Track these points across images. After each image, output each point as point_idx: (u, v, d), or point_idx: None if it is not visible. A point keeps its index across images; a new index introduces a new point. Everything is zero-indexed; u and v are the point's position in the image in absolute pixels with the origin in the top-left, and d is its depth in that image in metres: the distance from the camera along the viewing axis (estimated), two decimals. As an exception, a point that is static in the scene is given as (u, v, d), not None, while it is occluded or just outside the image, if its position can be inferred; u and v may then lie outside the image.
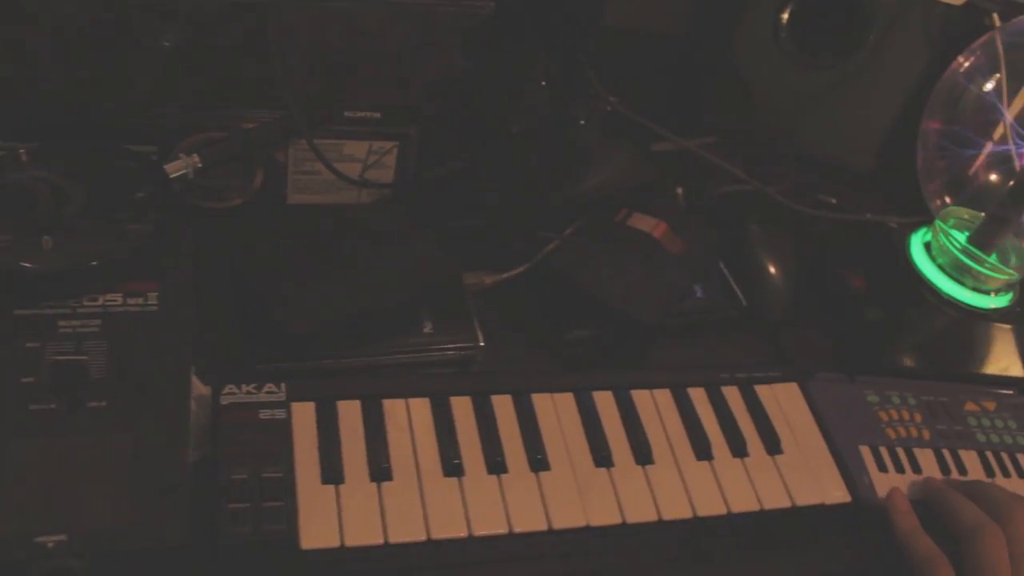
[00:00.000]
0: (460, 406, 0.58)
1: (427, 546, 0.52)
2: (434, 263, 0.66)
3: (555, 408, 0.60)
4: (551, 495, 0.55)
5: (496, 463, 0.56)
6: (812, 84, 0.85)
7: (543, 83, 0.71)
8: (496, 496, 0.54)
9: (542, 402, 0.60)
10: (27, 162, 0.58)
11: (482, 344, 0.63)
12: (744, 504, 0.58)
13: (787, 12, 0.82)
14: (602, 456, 0.58)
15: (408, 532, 0.52)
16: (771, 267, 0.73)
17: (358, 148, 0.68)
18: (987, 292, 0.72)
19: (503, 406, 0.59)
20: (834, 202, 0.86)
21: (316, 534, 0.50)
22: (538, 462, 0.56)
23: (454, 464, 0.55)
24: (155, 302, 0.55)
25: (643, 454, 0.59)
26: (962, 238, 0.72)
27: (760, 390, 0.65)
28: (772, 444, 0.62)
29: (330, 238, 0.65)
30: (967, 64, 0.68)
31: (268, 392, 0.56)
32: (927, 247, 0.73)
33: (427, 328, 0.63)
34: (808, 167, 0.89)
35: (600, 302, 0.66)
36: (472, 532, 0.53)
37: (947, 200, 0.72)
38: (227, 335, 0.59)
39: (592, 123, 0.71)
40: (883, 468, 0.64)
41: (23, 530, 0.43)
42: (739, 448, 0.61)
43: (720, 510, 0.57)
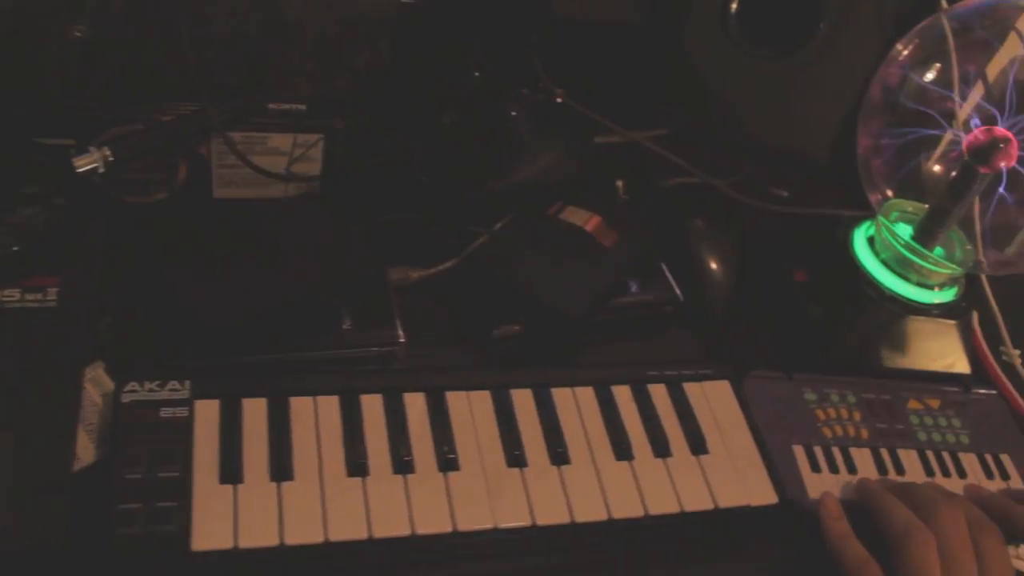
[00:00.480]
0: (370, 404, 0.57)
1: (324, 548, 0.50)
2: (356, 258, 0.64)
3: (470, 406, 0.58)
4: (458, 496, 0.54)
5: (403, 463, 0.54)
6: (764, 75, 0.83)
7: (476, 74, 0.69)
8: (401, 497, 0.53)
9: (457, 400, 0.58)
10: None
11: (402, 341, 0.62)
12: (663, 506, 0.56)
13: (736, 1, 0.80)
14: (515, 456, 0.56)
15: (305, 533, 0.50)
16: (712, 262, 0.71)
17: (283, 141, 0.67)
18: (931, 287, 0.70)
19: (415, 404, 0.57)
20: (786, 195, 0.84)
21: (208, 535, 0.49)
22: (447, 462, 0.55)
23: (359, 464, 0.54)
24: (54, 298, 0.54)
25: (559, 454, 0.57)
26: (907, 231, 0.70)
27: (689, 388, 0.63)
28: (697, 444, 0.60)
29: (249, 233, 0.63)
30: (906, 52, 0.66)
31: (171, 390, 0.54)
32: (870, 242, 0.71)
33: (346, 324, 0.62)
34: (763, 160, 0.87)
35: (525, 297, 0.64)
36: (372, 534, 0.51)
37: (888, 194, 0.69)
38: (138, 331, 0.58)
39: (525, 114, 0.69)
40: (816, 468, 0.62)
41: None
42: (662, 448, 0.59)
43: (637, 512, 0.55)
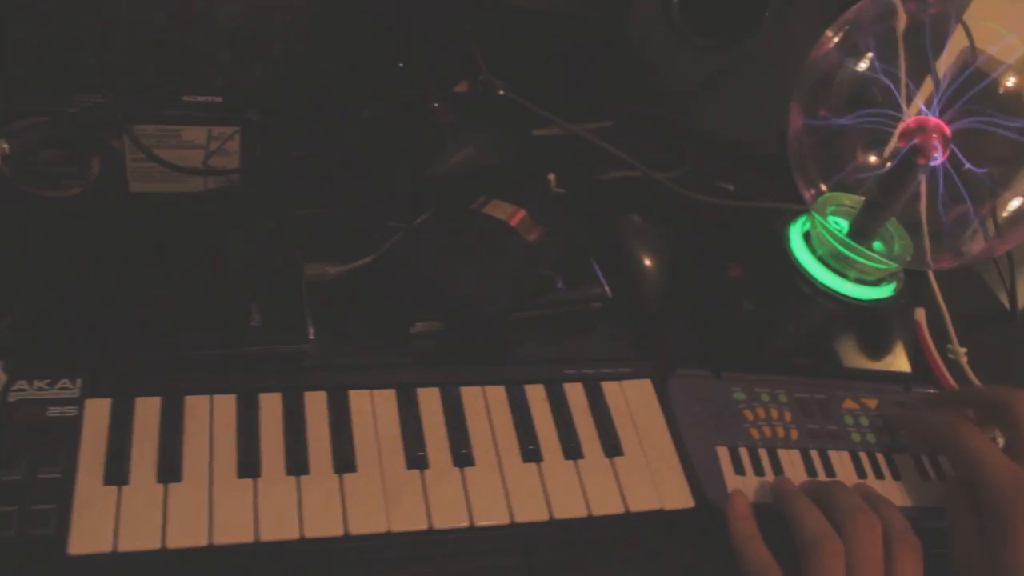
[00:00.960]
0: (269, 403, 0.55)
1: (208, 552, 0.49)
2: (268, 253, 0.63)
3: (373, 406, 0.56)
4: (353, 498, 0.52)
5: (297, 464, 0.53)
6: (709, 66, 0.81)
7: (400, 64, 0.68)
8: (292, 499, 0.51)
9: (360, 400, 0.57)
10: None
11: (312, 338, 0.60)
12: (570, 510, 0.54)
13: (677, -10, 0.78)
14: (416, 457, 0.54)
15: (188, 537, 0.49)
16: (644, 258, 0.69)
17: (198, 134, 0.65)
18: (869, 282, 0.67)
19: (316, 404, 0.56)
20: (732, 189, 0.81)
21: (86, 538, 0.48)
22: (344, 463, 0.53)
23: (251, 464, 0.52)
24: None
25: (462, 455, 0.55)
26: (844, 225, 0.68)
27: (608, 387, 0.61)
28: (611, 445, 0.58)
29: (157, 228, 0.62)
30: (836, 39, 0.63)
31: (61, 388, 0.53)
32: (807, 237, 0.69)
33: (255, 321, 0.60)
34: (712, 153, 0.85)
35: (441, 293, 0.62)
36: (259, 537, 0.49)
37: (822, 188, 0.67)
38: (36, 328, 0.57)
39: (448, 106, 0.67)
40: (740, 471, 0.60)
41: None
42: (573, 449, 0.57)
43: (541, 516, 0.54)
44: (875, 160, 0.65)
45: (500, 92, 0.79)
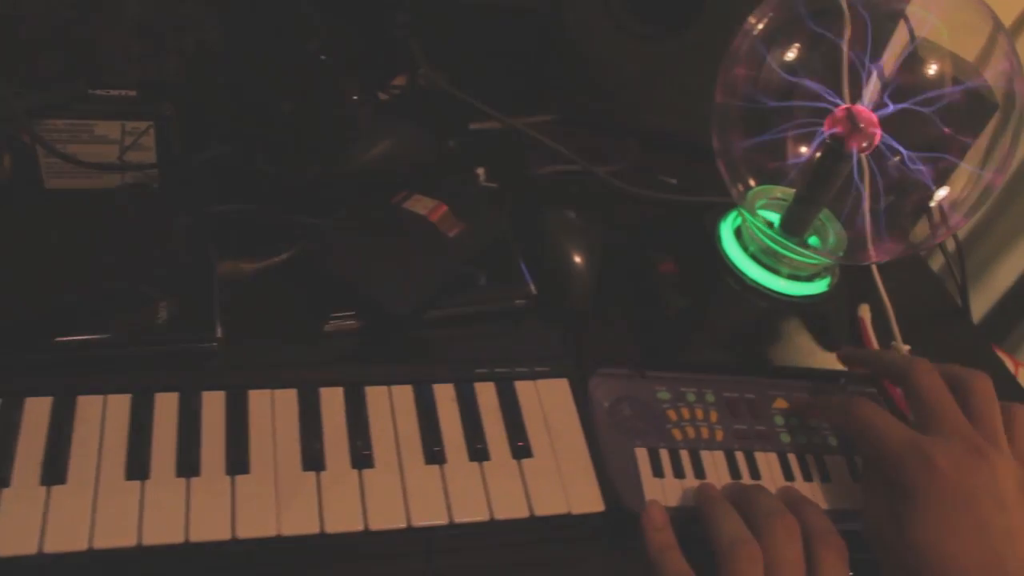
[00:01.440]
0: (165, 403, 0.54)
1: (88, 556, 0.47)
2: (180, 250, 0.62)
3: (273, 406, 0.55)
4: (243, 501, 0.50)
5: (187, 465, 0.51)
6: (651, 57, 0.79)
7: (322, 57, 0.66)
8: (180, 501, 0.50)
9: (260, 400, 0.55)
10: None
11: (220, 336, 0.59)
12: (471, 513, 0.53)
13: (616, -21, 0.76)
14: (313, 458, 0.53)
15: (67, 541, 0.47)
16: (573, 254, 0.67)
17: (111, 129, 0.64)
18: (802, 278, 0.65)
19: (214, 404, 0.54)
20: (674, 183, 0.79)
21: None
22: (237, 464, 0.52)
23: (139, 466, 0.51)
24: None
25: (361, 457, 0.53)
26: (776, 219, 0.66)
27: (522, 387, 0.59)
28: (520, 447, 0.56)
29: (70, 224, 0.61)
30: (760, 26, 0.61)
31: (-52, 389, 0.52)
32: (738, 232, 0.67)
33: (161, 319, 0.59)
34: (656, 146, 0.83)
35: (354, 290, 0.61)
36: (142, 541, 0.48)
37: (751, 183, 0.65)
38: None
39: (368, 99, 0.65)
40: (659, 473, 0.58)
41: None
42: (479, 451, 0.55)
43: (440, 520, 0.52)
44: (805, 150, 0.63)
45: (442, 86, 0.78)
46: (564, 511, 0.54)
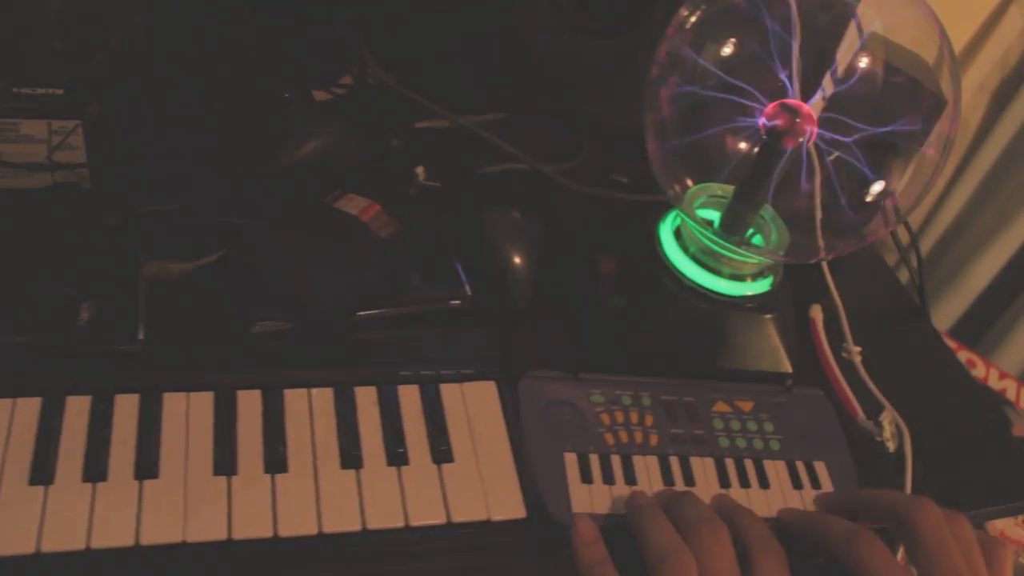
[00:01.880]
0: (75, 407, 0.53)
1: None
2: (106, 251, 0.61)
3: (187, 409, 0.54)
4: (150, 506, 0.49)
5: (95, 470, 0.50)
6: (603, 54, 0.78)
7: (254, 54, 0.65)
8: (84, 507, 0.49)
9: (175, 403, 0.54)
10: None
11: (142, 338, 0.58)
12: (386, 520, 0.51)
13: (564, -26, 0.75)
14: (224, 463, 0.52)
15: (-36, 547, 0.47)
16: (512, 254, 0.66)
17: (37, 128, 0.63)
18: (743, 278, 0.63)
19: (126, 407, 0.53)
20: (625, 181, 0.78)
21: None
22: (145, 468, 0.51)
23: (43, 471, 0.50)
24: None
25: (274, 461, 0.52)
26: (717, 217, 0.64)
27: (446, 390, 0.58)
28: (440, 451, 0.55)
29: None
30: (693, 18, 0.59)
31: None
32: (678, 232, 0.65)
33: (82, 320, 0.58)
34: (610, 145, 0.82)
35: (279, 291, 0.60)
36: (40, 548, 0.47)
37: (688, 183, 0.63)
38: None
39: (302, 96, 0.64)
40: (588, 479, 0.57)
41: None
42: (398, 455, 0.54)
43: (354, 526, 0.51)
44: (744, 146, 0.62)
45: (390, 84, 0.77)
46: (483, 517, 0.53)
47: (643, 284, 0.64)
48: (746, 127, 0.59)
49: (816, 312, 0.72)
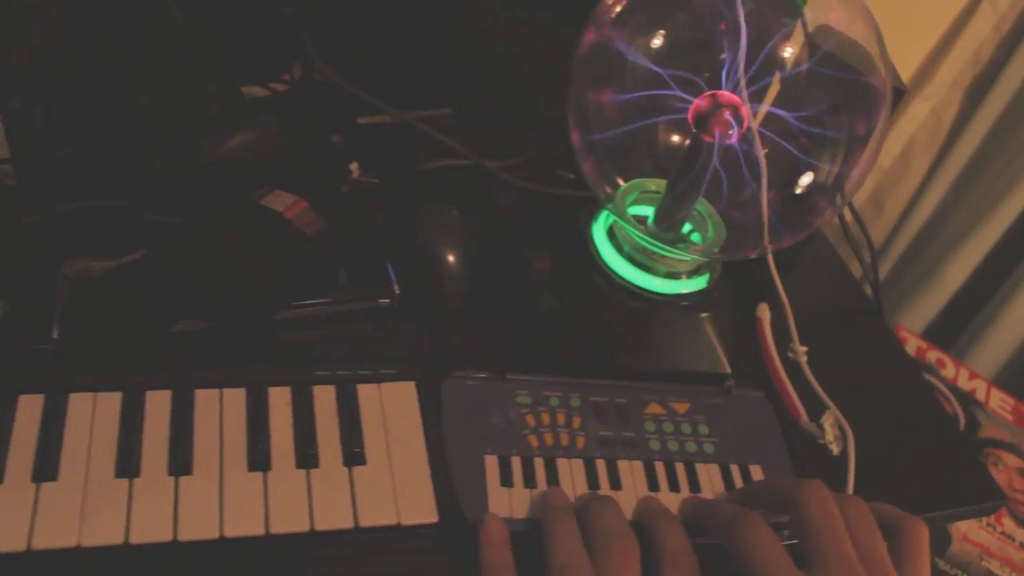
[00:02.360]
0: (-23, 407, 0.52)
1: None
2: (24, 249, 0.60)
3: (93, 410, 0.53)
4: (45, 510, 0.48)
5: (-11, 472, 0.49)
6: (550, 48, 0.76)
7: (181, 48, 0.64)
8: (-25, 511, 0.48)
9: (80, 403, 0.53)
10: None
11: (55, 337, 0.56)
12: (291, 524, 0.50)
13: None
14: (126, 464, 0.50)
15: None
16: (444, 251, 0.64)
17: (-43, 123, 0.62)
18: (679, 276, 0.62)
19: (29, 408, 0.52)
20: (572, 177, 0.76)
21: None
22: (43, 471, 0.49)
23: (-68, 474, 0.49)
24: None
25: (179, 463, 0.51)
26: (651, 214, 0.62)
27: (363, 390, 0.56)
28: (352, 453, 0.53)
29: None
30: (618, 8, 0.57)
31: None
32: (611, 231, 0.63)
33: (-7, 320, 0.57)
34: (557, 140, 0.80)
35: (200, 289, 0.58)
36: (-76, 552, 0.46)
37: (619, 182, 0.62)
38: None
39: (227, 91, 0.63)
40: (508, 482, 0.55)
41: None
42: (307, 458, 0.53)
43: (256, 530, 0.49)
44: (677, 140, 0.60)
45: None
46: (393, 522, 0.51)
47: (575, 283, 0.63)
48: (679, 121, 0.58)
49: (763, 311, 0.70)
